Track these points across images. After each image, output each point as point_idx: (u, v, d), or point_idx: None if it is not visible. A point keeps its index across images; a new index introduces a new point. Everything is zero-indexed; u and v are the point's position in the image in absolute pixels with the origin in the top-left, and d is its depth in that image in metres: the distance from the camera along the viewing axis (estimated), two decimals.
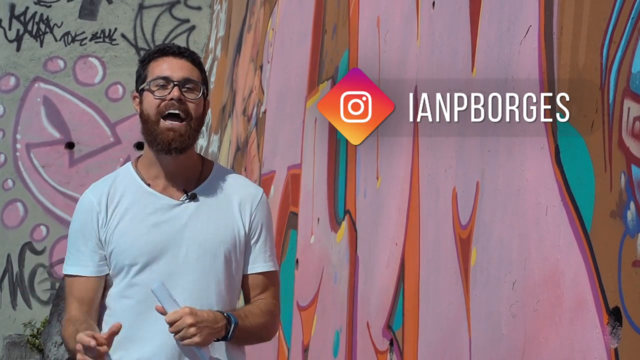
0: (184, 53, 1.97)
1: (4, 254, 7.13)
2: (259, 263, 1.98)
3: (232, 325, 1.88)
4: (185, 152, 1.94)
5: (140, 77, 1.99)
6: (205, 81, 2.00)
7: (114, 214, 1.97)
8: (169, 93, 1.92)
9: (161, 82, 1.94)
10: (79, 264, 1.99)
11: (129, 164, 2.03)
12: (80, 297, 2.02)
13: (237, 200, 1.97)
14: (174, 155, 1.93)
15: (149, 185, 1.97)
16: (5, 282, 7.11)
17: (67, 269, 2.02)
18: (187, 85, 1.94)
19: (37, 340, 6.85)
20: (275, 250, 2.04)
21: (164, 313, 1.84)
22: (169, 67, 1.95)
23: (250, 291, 1.99)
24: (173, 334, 1.83)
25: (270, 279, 1.99)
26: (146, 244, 1.94)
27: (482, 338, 1.93)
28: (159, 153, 1.94)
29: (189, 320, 1.82)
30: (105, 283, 1.99)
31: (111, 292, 1.98)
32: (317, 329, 3.32)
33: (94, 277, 1.99)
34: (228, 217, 1.96)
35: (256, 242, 1.97)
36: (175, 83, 1.93)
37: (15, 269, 7.11)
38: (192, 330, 1.82)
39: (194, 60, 1.98)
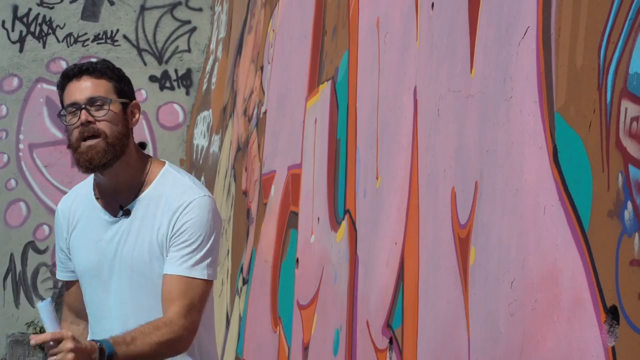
0: (86, 70, 1.92)
1: (7, 253, 7.14)
2: (171, 266, 1.87)
3: (105, 357, 1.80)
4: (111, 167, 1.91)
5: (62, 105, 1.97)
6: (121, 87, 1.93)
7: (72, 225, 2.01)
8: (79, 119, 1.90)
9: (72, 109, 1.92)
10: (59, 268, 2.08)
11: (91, 177, 2.03)
12: (68, 301, 2.11)
13: (168, 208, 1.91)
14: (103, 172, 1.92)
15: (97, 199, 1.99)
16: (9, 281, 7.12)
17: (57, 274, 2.12)
18: (95, 104, 1.90)
19: None
20: (211, 259, 1.89)
21: (38, 343, 1.78)
22: (74, 91, 1.91)
23: (162, 298, 1.88)
24: (49, 356, 1.78)
25: (185, 287, 1.87)
26: (87, 260, 1.97)
27: (480, 336, 1.94)
28: (84, 173, 1.96)
29: (69, 345, 1.76)
30: None
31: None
32: (317, 327, 3.33)
33: (72, 281, 2.06)
34: (154, 231, 1.91)
35: (174, 244, 1.88)
36: (81, 107, 1.90)
37: (18, 268, 7.13)
38: (70, 356, 1.76)
39: (97, 72, 1.91)
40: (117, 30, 7.25)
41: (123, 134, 1.93)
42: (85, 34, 7.26)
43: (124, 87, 1.95)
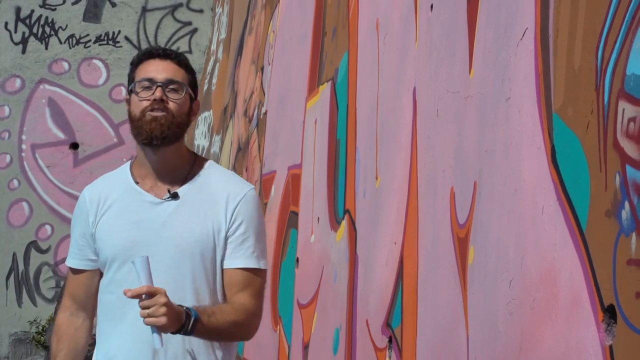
0: (170, 55, 2.00)
1: (10, 253, 7.16)
2: (237, 259, 1.95)
3: (192, 320, 1.85)
4: (167, 145, 1.95)
5: (130, 80, 2.03)
6: (193, 83, 2.01)
7: (103, 210, 2.01)
8: (153, 94, 1.95)
9: (146, 83, 1.97)
10: (73, 256, 2.06)
11: (127, 163, 2.07)
12: (72, 291, 2.08)
13: (221, 199, 1.97)
14: (159, 148, 1.94)
15: (137, 183, 2.00)
16: (11, 280, 7.14)
17: (67, 261, 2.09)
18: (170, 86, 1.96)
19: (42, 338, 6.88)
20: (264, 249, 1.99)
21: (133, 296, 1.81)
22: (154, 69, 1.98)
23: (227, 288, 1.96)
24: (141, 308, 1.81)
25: (250, 277, 1.95)
26: (125, 240, 1.97)
27: (479, 335, 1.95)
28: (145, 148, 1.97)
29: (163, 299, 1.81)
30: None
31: (100, 286, 2.02)
32: (317, 326, 3.33)
33: (84, 271, 2.04)
34: (208, 217, 1.96)
35: (235, 237, 1.95)
36: (158, 84, 1.96)
37: (21, 267, 7.14)
38: (162, 310, 1.81)
39: (180, 61, 2.00)
40: (119, 32, 7.26)
41: (185, 122, 1.99)
42: (87, 35, 7.27)
43: (194, 83, 2.03)
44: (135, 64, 2.01)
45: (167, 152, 1.97)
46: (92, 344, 2.05)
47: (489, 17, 2.00)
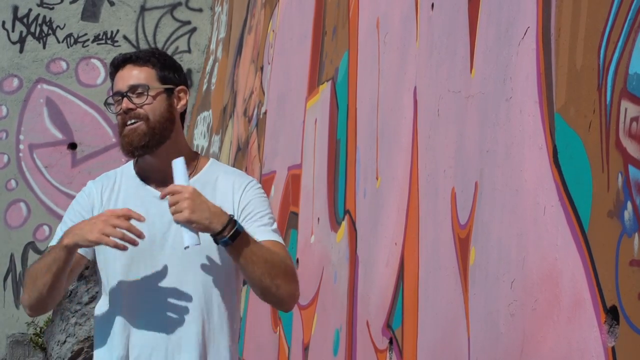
0: (129, 59, 1.98)
1: (7, 254, 7.14)
2: (259, 235, 1.90)
3: (235, 227, 1.82)
4: (155, 148, 1.94)
5: None
6: (163, 74, 1.97)
7: (108, 201, 1.99)
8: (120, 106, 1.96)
9: (116, 97, 1.98)
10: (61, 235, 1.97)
11: (131, 161, 2.06)
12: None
13: (225, 191, 1.96)
14: (148, 154, 1.94)
15: (142, 180, 1.99)
16: (9, 281, 7.12)
17: (50, 243, 2.00)
18: (135, 92, 1.95)
19: (40, 339, 6.87)
20: (275, 225, 1.96)
21: (164, 196, 1.81)
22: (118, 81, 1.98)
23: None
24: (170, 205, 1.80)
25: (276, 246, 1.92)
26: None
27: (480, 337, 1.94)
28: (127, 157, 1.97)
29: (187, 195, 1.82)
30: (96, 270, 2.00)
31: (103, 281, 1.98)
32: (317, 327, 3.33)
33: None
34: None
35: (250, 218, 1.93)
36: (123, 94, 1.95)
37: (19, 268, 7.13)
38: (185, 203, 1.81)
39: (140, 59, 1.96)
40: (117, 31, 7.25)
41: (166, 118, 1.96)
42: (86, 34, 7.26)
43: (167, 74, 1.99)
44: (111, 79, 2.02)
45: (161, 153, 1.97)
46: (90, 346, 2.03)
47: (490, 16, 2.00)
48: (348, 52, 3.27)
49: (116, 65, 1.99)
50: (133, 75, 1.97)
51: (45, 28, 7.23)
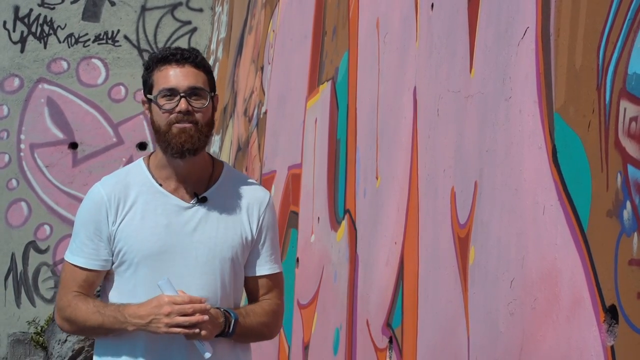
0: (188, 58, 1.94)
1: (9, 253, 7.15)
2: (265, 266, 2.01)
3: (233, 321, 1.91)
4: (197, 154, 1.95)
5: (147, 84, 1.98)
6: (211, 80, 1.98)
7: (125, 210, 1.96)
8: (177, 105, 1.92)
9: (167, 93, 1.93)
10: (83, 255, 1.98)
11: (140, 162, 2.02)
12: (74, 288, 2.00)
13: (245, 203, 1.99)
14: (187, 157, 1.93)
15: (160, 185, 1.97)
16: (10, 280, 7.13)
17: (71, 258, 1.99)
18: (194, 95, 1.93)
19: (41, 338, 6.87)
20: (279, 250, 2.06)
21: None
22: (174, 77, 1.93)
23: (255, 292, 2.02)
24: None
25: (275, 281, 2.02)
26: (156, 244, 1.94)
27: (480, 336, 1.94)
28: (173, 157, 1.94)
29: (207, 318, 1.87)
30: (107, 277, 2.00)
31: (117, 289, 1.98)
32: (317, 326, 3.34)
33: (93, 270, 1.99)
34: (236, 221, 1.98)
35: (263, 245, 2.00)
36: (181, 95, 1.92)
37: (20, 267, 7.13)
38: (210, 326, 1.88)
39: (198, 63, 1.95)
40: (118, 31, 7.25)
41: (211, 125, 1.97)
42: (86, 34, 7.26)
43: (213, 81, 2.00)
44: (152, 69, 1.96)
45: (195, 159, 1.96)
46: (90, 345, 2.05)
47: (490, 16, 2.00)
48: (348, 52, 3.27)
49: (171, 61, 1.93)
50: (193, 76, 1.93)
51: (46, 28, 7.24)
